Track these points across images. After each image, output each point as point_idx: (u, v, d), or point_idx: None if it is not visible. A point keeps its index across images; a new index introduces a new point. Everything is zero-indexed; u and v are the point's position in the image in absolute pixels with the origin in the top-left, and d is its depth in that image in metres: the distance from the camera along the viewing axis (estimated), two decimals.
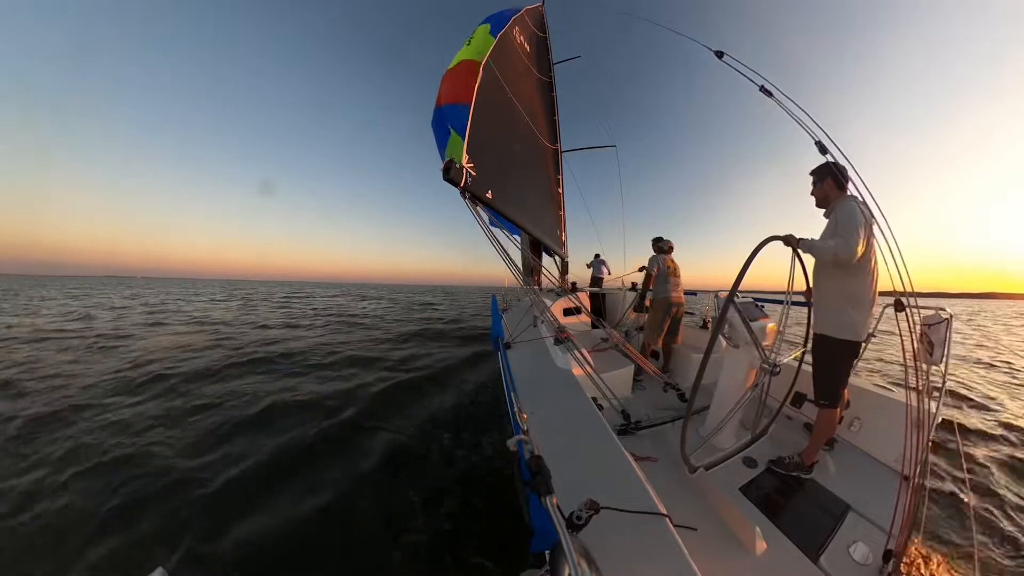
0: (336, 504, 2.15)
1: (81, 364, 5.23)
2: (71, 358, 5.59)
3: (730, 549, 1.25)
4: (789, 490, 1.63)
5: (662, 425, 2.16)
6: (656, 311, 3.22)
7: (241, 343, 6.99)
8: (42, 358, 5.51)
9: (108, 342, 6.96)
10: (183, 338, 7.51)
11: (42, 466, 2.49)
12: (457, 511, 2.08)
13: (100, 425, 3.10)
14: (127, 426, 3.10)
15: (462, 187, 1.67)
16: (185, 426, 3.13)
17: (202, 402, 3.68)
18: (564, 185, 4.86)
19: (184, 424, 3.17)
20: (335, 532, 1.97)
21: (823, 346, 1.71)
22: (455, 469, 2.58)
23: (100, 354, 5.94)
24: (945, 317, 1.82)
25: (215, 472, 2.43)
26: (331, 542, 1.90)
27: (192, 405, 3.59)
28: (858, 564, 1.24)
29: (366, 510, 2.13)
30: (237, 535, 1.89)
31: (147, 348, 6.38)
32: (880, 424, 1.93)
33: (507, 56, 3.39)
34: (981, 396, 4.42)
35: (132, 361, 5.34)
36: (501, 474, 2.37)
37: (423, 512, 2.10)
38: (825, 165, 1.75)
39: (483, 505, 2.12)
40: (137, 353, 5.91)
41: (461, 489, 2.29)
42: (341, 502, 2.17)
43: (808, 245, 1.55)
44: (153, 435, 2.93)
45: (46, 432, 2.97)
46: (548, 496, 0.62)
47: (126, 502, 2.12)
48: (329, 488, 2.30)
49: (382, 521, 2.04)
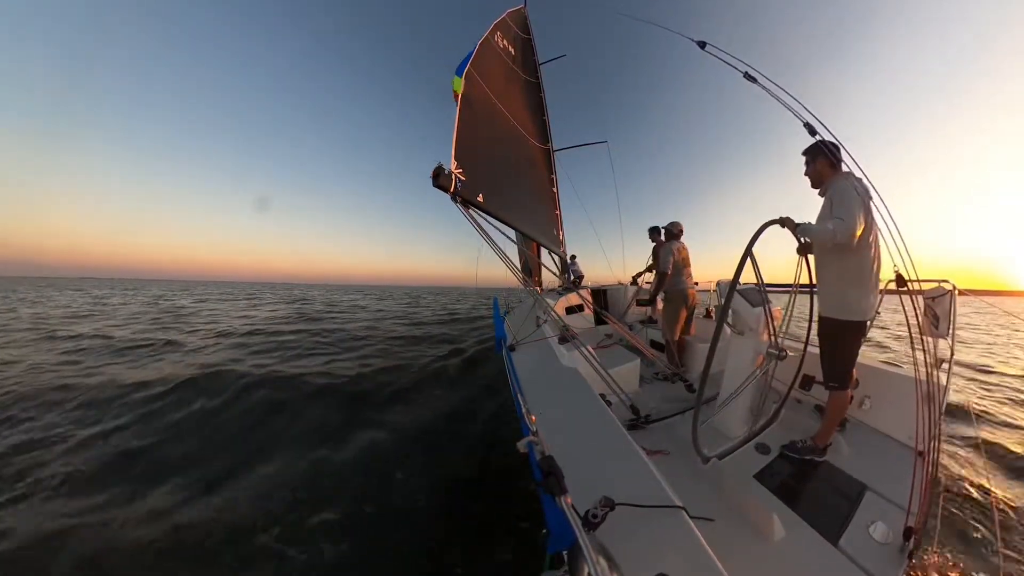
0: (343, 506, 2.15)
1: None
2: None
3: (749, 537, 1.24)
4: (804, 474, 1.62)
5: (672, 417, 2.15)
6: (673, 303, 3.14)
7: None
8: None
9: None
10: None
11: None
12: (471, 516, 2.07)
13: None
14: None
15: (452, 192, 1.68)
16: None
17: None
18: (559, 184, 4.87)
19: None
20: (343, 533, 1.95)
21: (828, 328, 1.70)
22: (463, 473, 2.57)
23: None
24: (948, 289, 1.82)
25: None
26: (339, 545, 1.88)
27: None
28: (879, 544, 1.23)
29: (372, 514, 2.12)
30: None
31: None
32: (891, 401, 1.92)
33: (490, 61, 3.42)
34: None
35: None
36: (513, 476, 2.37)
37: (435, 519, 2.09)
38: (816, 144, 1.74)
39: (497, 508, 2.11)
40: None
41: (474, 493, 2.28)
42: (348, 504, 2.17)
43: (806, 229, 1.55)
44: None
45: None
46: (562, 496, 0.62)
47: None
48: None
49: (391, 527, 2.03)
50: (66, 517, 2.08)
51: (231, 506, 2.18)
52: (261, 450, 2.84)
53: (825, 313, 1.70)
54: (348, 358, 5.94)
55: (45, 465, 2.63)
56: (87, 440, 2.99)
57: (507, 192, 2.53)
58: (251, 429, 3.24)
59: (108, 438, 3.03)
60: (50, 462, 2.67)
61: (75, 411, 3.61)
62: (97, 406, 3.71)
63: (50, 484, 2.42)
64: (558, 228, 4.50)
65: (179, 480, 2.44)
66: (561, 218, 4.79)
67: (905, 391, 1.80)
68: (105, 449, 2.85)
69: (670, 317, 3.13)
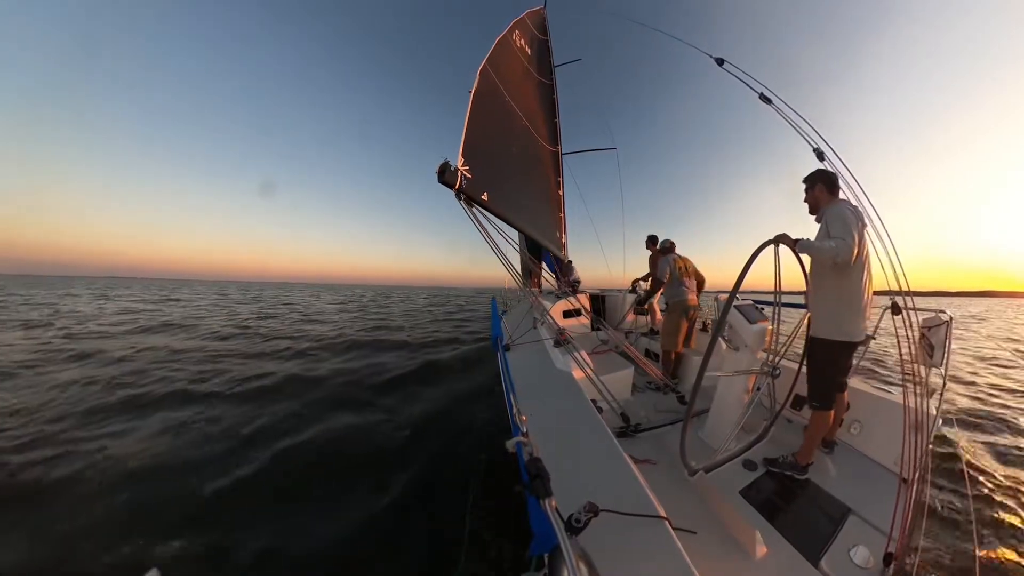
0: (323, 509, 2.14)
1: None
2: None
3: (730, 552, 1.24)
4: (789, 493, 1.62)
5: (661, 428, 2.15)
6: (673, 315, 3.10)
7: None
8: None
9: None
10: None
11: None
12: (453, 514, 2.07)
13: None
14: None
15: (457, 189, 1.67)
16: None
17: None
18: (564, 187, 4.87)
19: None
20: (323, 535, 1.95)
21: (817, 347, 1.73)
22: (450, 470, 2.56)
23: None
24: (945, 319, 1.82)
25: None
26: (320, 547, 1.88)
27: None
28: (859, 567, 1.24)
29: (354, 512, 2.11)
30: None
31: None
32: (880, 427, 1.92)
33: (506, 60, 3.42)
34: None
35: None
36: (498, 476, 2.36)
37: (416, 515, 2.09)
38: (815, 172, 1.79)
39: (481, 508, 2.11)
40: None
41: (457, 491, 2.27)
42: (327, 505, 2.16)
43: (806, 246, 1.56)
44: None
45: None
46: (547, 499, 0.62)
47: None
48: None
49: (369, 525, 2.02)
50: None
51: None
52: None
53: (815, 333, 1.72)
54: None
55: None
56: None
57: (512, 192, 2.52)
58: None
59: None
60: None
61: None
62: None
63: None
64: (561, 231, 4.50)
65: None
66: (565, 221, 4.79)
67: (894, 417, 1.80)
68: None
69: (670, 328, 3.12)
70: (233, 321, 10.82)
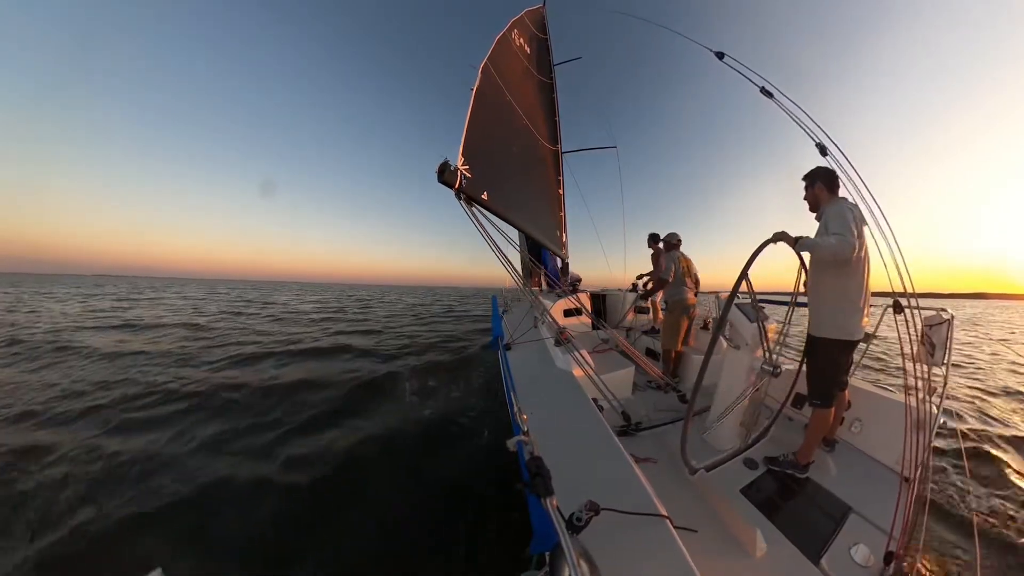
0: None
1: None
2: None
3: (731, 551, 1.24)
4: (790, 492, 1.62)
5: (662, 426, 2.15)
6: (673, 314, 3.13)
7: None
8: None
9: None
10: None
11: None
12: (455, 512, 2.07)
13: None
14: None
15: (456, 189, 1.67)
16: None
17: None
18: (565, 186, 4.85)
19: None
20: (327, 530, 1.95)
21: (817, 346, 1.72)
22: (451, 469, 2.57)
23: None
24: (946, 318, 1.82)
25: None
26: (321, 541, 1.89)
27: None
28: (859, 566, 1.24)
29: (359, 509, 2.12)
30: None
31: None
32: (881, 425, 1.92)
33: (506, 59, 3.40)
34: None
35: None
36: (500, 475, 2.37)
37: (419, 514, 2.09)
38: (815, 170, 1.78)
39: (482, 506, 2.11)
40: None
41: (459, 490, 2.28)
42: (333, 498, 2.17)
43: (807, 243, 1.55)
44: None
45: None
46: (548, 497, 0.61)
47: None
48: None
49: (375, 521, 2.03)
50: None
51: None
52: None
53: (814, 331, 1.72)
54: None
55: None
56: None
57: (512, 192, 2.51)
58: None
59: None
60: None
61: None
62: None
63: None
64: (562, 230, 4.49)
65: None
66: (565, 221, 4.77)
67: (896, 416, 1.80)
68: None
69: (670, 327, 3.15)
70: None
